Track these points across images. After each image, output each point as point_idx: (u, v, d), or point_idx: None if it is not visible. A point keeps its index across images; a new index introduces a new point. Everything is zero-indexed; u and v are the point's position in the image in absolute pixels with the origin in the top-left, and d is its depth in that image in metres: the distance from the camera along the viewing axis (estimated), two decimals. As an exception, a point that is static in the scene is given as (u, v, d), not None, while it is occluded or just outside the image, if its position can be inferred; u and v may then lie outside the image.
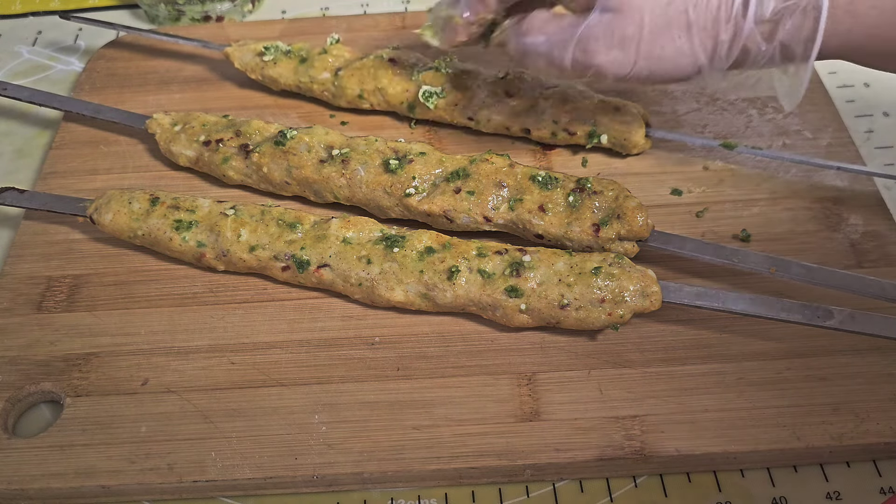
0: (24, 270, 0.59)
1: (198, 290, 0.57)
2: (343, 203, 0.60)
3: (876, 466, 0.49)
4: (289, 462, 0.48)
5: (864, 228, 0.58)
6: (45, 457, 0.49)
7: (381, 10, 0.85)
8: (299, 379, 0.52)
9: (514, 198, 0.56)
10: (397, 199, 0.57)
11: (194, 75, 0.74)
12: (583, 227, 0.54)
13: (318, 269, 0.54)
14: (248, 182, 0.62)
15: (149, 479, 0.48)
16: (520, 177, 0.56)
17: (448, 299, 0.52)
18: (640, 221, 0.53)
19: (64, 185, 0.65)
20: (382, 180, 0.57)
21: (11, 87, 0.69)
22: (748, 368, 0.51)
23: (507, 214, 0.56)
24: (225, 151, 0.61)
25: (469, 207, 0.56)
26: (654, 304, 0.50)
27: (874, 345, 0.51)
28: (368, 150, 0.59)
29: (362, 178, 0.58)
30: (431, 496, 0.49)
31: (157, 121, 0.65)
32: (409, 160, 0.58)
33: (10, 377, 0.52)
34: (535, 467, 0.48)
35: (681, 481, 0.49)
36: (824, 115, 0.67)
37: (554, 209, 0.55)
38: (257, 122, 0.62)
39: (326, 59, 0.68)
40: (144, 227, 0.57)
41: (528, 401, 0.50)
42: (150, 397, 0.51)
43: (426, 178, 0.57)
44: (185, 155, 0.63)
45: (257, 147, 0.60)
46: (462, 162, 0.58)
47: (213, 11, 0.81)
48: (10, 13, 0.86)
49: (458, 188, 0.56)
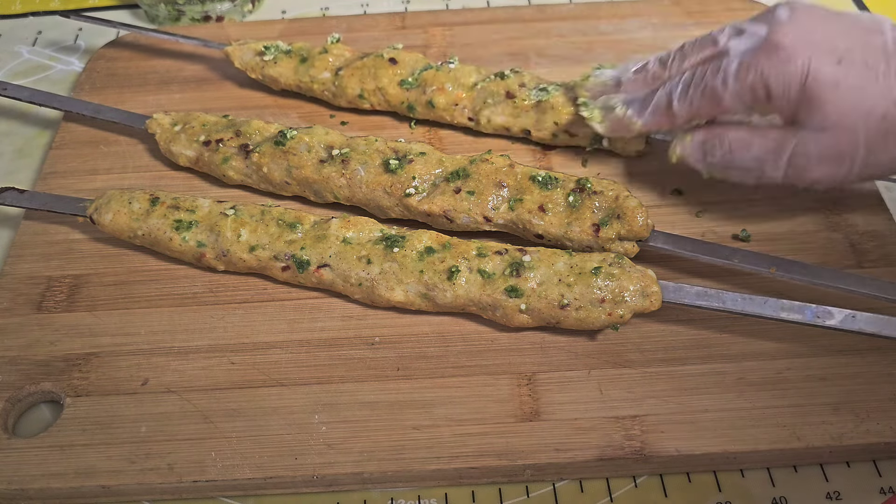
0: (24, 270, 0.59)
1: (198, 290, 0.57)
2: (343, 203, 0.60)
3: (876, 466, 0.49)
4: (289, 462, 0.48)
5: (864, 228, 0.58)
6: (45, 457, 0.49)
7: (381, 10, 0.85)
8: (299, 379, 0.52)
9: (514, 198, 0.56)
10: (397, 199, 0.57)
11: (194, 75, 0.74)
12: (583, 227, 0.54)
13: (318, 269, 0.54)
14: (248, 182, 0.62)
15: (149, 479, 0.48)
16: (520, 177, 0.56)
17: (448, 299, 0.52)
18: (641, 221, 0.53)
19: (64, 185, 0.65)
20: (382, 180, 0.57)
21: (11, 87, 0.69)
22: (748, 368, 0.51)
23: (507, 214, 0.56)
24: (225, 151, 0.61)
25: (469, 207, 0.56)
26: (654, 304, 0.50)
27: (874, 345, 0.51)
28: (368, 150, 0.59)
29: (362, 178, 0.58)
30: (431, 496, 0.49)
31: (157, 121, 0.65)
32: (409, 160, 0.58)
33: (10, 377, 0.52)
34: (535, 467, 0.48)
35: (681, 481, 0.49)
36: (824, 115, 0.66)
37: (554, 209, 0.55)
38: (257, 122, 0.62)
39: (327, 59, 0.68)
40: (144, 227, 0.57)
41: (528, 401, 0.50)
42: (150, 397, 0.51)
43: (426, 178, 0.57)
44: (185, 155, 0.63)
45: (257, 147, 0.60)
46: (462, 162, 0.58)
47: (213, 11, 0.82)
48: (10, 13, 0.86)
49: (458, 188, 0.56)
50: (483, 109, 0.64)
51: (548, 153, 0.65)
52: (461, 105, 0.65)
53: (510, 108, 0.64)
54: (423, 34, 0.76)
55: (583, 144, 0.64)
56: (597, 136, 0.62)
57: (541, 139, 0.64)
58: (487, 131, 0.66)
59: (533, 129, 0.64)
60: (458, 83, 0.65)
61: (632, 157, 0.64)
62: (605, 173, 0.63)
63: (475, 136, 0.67)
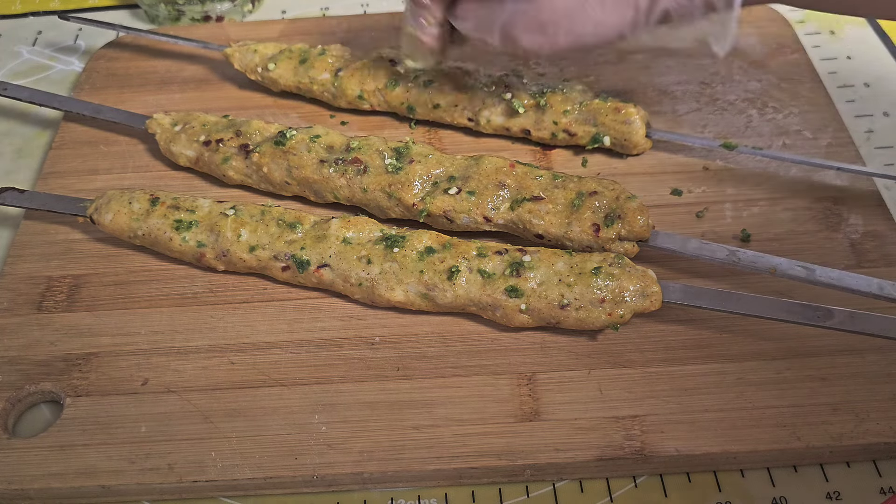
0: (24, 270, 0.59)
1: (198, 290, 0.57)
2: (343, 203, 0.60)
3: (876, 466, 0.49)
4: (289, 462, 0.48)
5: (864, 228, 0.58)
6: (45, 457, 0.49)
7: (381, 10, 0.85)
8: (299, 379, 0.52)
9: (514, 198, 0.56)
10: (397, 200, 0.57)
11: (194, 75, 0.74)
12: (583, 227, 0.54)
13: (318, 269, 0.54)
14: (249, 182, 0.62)
15: (149, 479, 0.48)
16: (520, 177, 0.56)
17: (448, 299, 0.52)
18: (641, 222, 0.53)
19: (64, 185, 0.65)
20: (382, 181, 0.57)
21: (11, 87, 0.69)
22: (748, 368, 0.51)
23: (507, 214, 0.56)
24: (225, 151, 0.61)
25: (469, 208, 0.56)
26: (654, 304, 0.50)
27: (874, 345, 0.51)
28: (368, 150, 0.59)
29: (362, 178, 0.58)
30: (431, 496, 0.49)
31: (157, 121, 0.65)
32: (410, 160, 0.58)
33: (10, 377, 0.52)
34: (535, 467, 0.48)
35: (681, 481, 0.49)
36: (824, 115, 0.67)
37: (554, 209, 0.55)
38: (257, 123, 0.62)
39: (326, 60, 0.68)
40: (144, 227, 0.57)
41: (528, 401, 0.50)
42: (150, 397, 0.51)
43: (426, 178, 0.57)
44: (185, 155, 0.63)
45: (257, 147, 0.60)
46: (462, 162, 0.58)
47: (213, 11, 0.82)
48: (10, 13, 0.86)
49: (458, 188, 0.56)
50: (483, 109, 0.64)
51: (548, 153, 0.65)
52: (461, 106, 0.65)
53: (510, 108, 0.64)
54: (423, 34, 0.76)
55: (583, 144, 0.64)
56: (597, 136, 0.62)
57: (541, 139, 0.64)
58: (487, 131, 0.66)
59: (533, 129, 0.64)
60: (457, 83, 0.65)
61: (632, 157, 0.64)
62: (605, 173, 0.63)
63: (475, 136, 0.67)
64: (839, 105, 0.69)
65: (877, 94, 0.72)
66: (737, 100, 0.68)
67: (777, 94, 0.68)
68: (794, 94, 0.68)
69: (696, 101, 0.68)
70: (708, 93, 0.69)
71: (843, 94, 0.72)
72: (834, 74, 0.73)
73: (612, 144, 0.63)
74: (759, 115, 0.67)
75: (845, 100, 0.71)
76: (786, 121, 0.66)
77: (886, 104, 0.71)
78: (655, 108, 0.68)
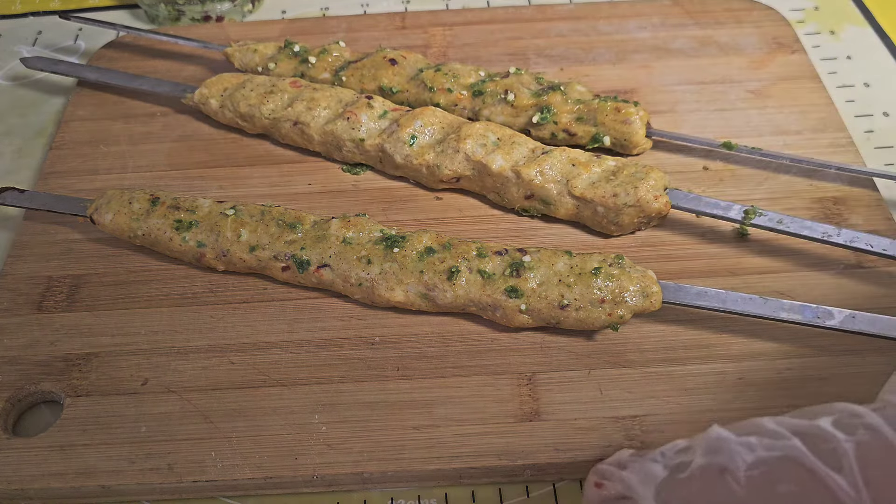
0: (24, 270, 0.59)
1: (198, 290, 0.57)
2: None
3: (876, 466, 0.49)
4: (289, 462, 0.48)
5: (864, 228, 0.58)
6: (45, 457, 0.49)
7: (381, 10, 0.85)
8: (299, 379, 0.52)
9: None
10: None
11: (194, 75, 0.74)
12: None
13: (318, 269, 0.54)
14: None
15: (149, 479, 0.48)
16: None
17: (448, 299, 0.52)
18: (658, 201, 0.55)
19: (64, 185, 0.65)
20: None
21: (63, 64, 0.73)
22: (748, 368, 0.51)
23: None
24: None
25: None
26: (654, 304, 0.51)
27: (874, 345, 0.51)
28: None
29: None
30: (431, 496, 0.49)
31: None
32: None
33: (10, 377, 0.52)
34: (535, 467, 0.48)
35: (681, 481, 0.49)
36: (824, 115, 0.67)
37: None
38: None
39: (326, 60, 0.68)
40: (144, 227, 0.57)
41: (528, 401, 0.50)
42: (150, 397, 0.51)
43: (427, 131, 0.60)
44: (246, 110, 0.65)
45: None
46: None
47: (213, 11, 0.81)
48: (10, 13, 0.86)
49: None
50: (483, 109, 0.64)
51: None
52: (461, 105, 0.65)
53: (510, 108, 0.64)
54: (423, 34, 0.76)
55: (583, 144, 0.64)
56: (597, 136, 0.62)
57: (541, 138, 0.64)
58: (487, 131, 0.66)
59: (533, 129, 0.64)
60: (458, 83, 0.65)
61: (632, 157, 0.64)
62: (605, 173, 0.63)
63: (475, 136, 0.67)
64: (839, 105, 0.69)
65: (877, 94, 0.72)
66: (737, 100, 0.68)
67: (777, 93, 0.68)
68: (794, 94, 0.68)
69: (696, 101, 0.68)
70: (708, 93, 0.69)
71: (842, 94, 0.72)
72: (834, 74, 0.73)
73: (612, 144, 0.63)
74: (759, 115, 0.67)
75: (845, 100, 0.71)
76: (786, 121, 0.66)
77: (886, 104, 0.71)
78: (655, 108, 0.68)
